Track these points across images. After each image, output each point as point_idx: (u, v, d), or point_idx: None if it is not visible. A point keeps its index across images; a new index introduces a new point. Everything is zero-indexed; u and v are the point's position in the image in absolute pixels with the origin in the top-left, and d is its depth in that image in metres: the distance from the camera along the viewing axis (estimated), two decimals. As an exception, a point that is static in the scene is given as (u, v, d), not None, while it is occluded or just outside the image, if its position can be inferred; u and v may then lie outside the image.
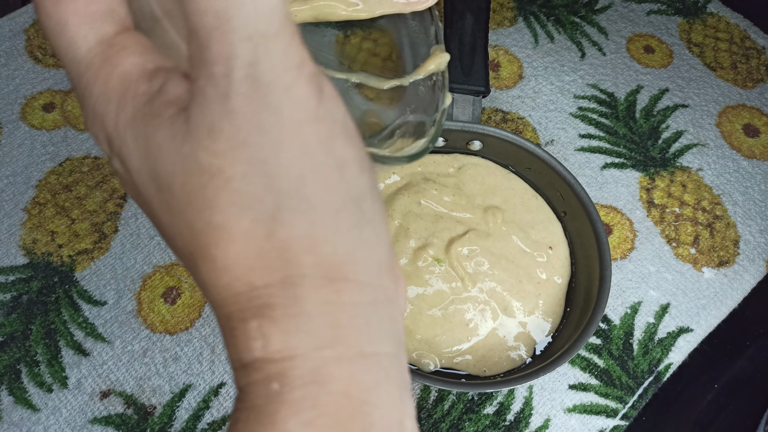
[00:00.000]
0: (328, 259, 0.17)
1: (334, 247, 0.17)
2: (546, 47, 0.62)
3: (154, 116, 0.17)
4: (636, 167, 0.56)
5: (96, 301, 0.48)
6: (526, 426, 0.45)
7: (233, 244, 0.16)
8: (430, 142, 0.30)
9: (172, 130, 0.17)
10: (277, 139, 0.16)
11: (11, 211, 0.52)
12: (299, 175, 0.17)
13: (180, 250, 0.18)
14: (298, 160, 0.16)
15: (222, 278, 0.17)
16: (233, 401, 0.19)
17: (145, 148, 0.17)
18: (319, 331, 0.17)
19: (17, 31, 0.61)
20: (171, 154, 0.17)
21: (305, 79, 0.17)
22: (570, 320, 0.45)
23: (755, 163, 0.56)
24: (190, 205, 0.17)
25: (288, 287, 0.17)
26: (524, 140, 0.48)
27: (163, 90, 0.17)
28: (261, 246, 0.17)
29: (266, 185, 0.16)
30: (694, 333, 0.49)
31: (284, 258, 0.17)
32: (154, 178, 0.17)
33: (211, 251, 0.17)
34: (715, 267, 0.51)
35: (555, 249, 0.48)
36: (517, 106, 0.58)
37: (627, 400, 0.46)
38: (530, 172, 0.50)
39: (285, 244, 0.17)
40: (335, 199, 0.17)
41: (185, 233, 0.17)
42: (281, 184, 0.16)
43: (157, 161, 0.17)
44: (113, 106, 0.18)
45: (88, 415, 0.44)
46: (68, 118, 0.56)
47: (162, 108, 0.17)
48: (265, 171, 0.16)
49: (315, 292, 0.17)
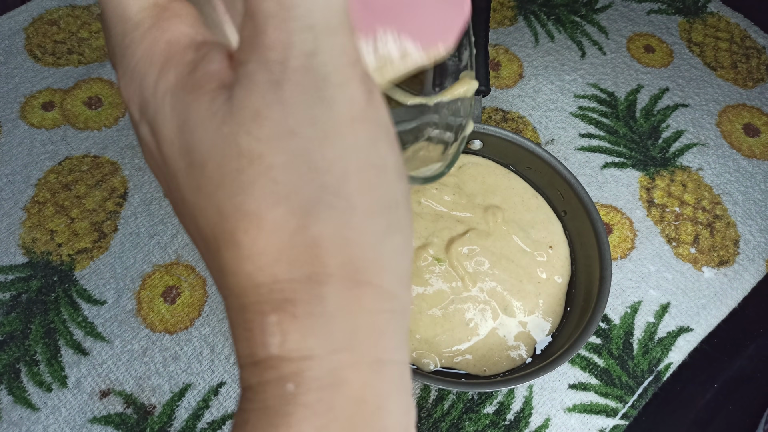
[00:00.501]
0: (356, 261, 0.17)
1: (365, 251, 0.17)
2: (546, 46, 0.62)
3: (195, 87, 0.17)
4: (636, 167, 0.55)
5: (95, 301, 0.48)
6: (526, 425, 0.45)
7: (263, 233, 0.16)
8: (447, 167, 0.29)
9: (212, 106, 0.16)
10: (326, 134, 0.16)
11: (11, 210, 0.52)
12: (342, 173, 0.16)
13: (201, 231, 0.17)
14: (343, 157, 0.16)
15: (245, 266, 0.16)
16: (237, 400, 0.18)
17: (182, 119, 0.17)
18: (339, 334, 0.17)
19: (17, 29, 0.61)
20: (209, 131, 0.16)
21: (358, 78, 0.16)
22: (570, 320, 0.45)
23: (755, 162, 0.56)
24: (222, 187, 0.16)
25: (313, 284, 0.16)
26: (524, 139, 0.48)
27: (207, 59, 0.17)
28: (291, 239, 0.16)
29: (307, 178, 0.16)
30: (694, 332, 0.49)
31: (313, 254, 0.16)
32: (186, 152, 0.17)
33: (237, 237, 0.16)
34: (715, 266, 0.51)
35: (555, 248, 0.48)
36: (517, 106, 0.58)
37: (627, 399, 0.46)
38: (530, 171, 0.50)
39: (316, 241, 0.16)
40: (373, 202, 0.17)
41: (211, 215, 0.17)
42: (323, 179, 0.16)
43: (193, 135, 0.17)
44: (155, 70, 0.17)
45: (88, 415, 0.44)
46: (67, 116, 0.56)
47: (204, 79, 0.17)
48: (309, 164, 0.16)
49: (339, 293, 0.17)
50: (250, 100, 0.16)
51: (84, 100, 0.57)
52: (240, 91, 0.16)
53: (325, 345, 0.16)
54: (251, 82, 0.16)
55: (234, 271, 0.17)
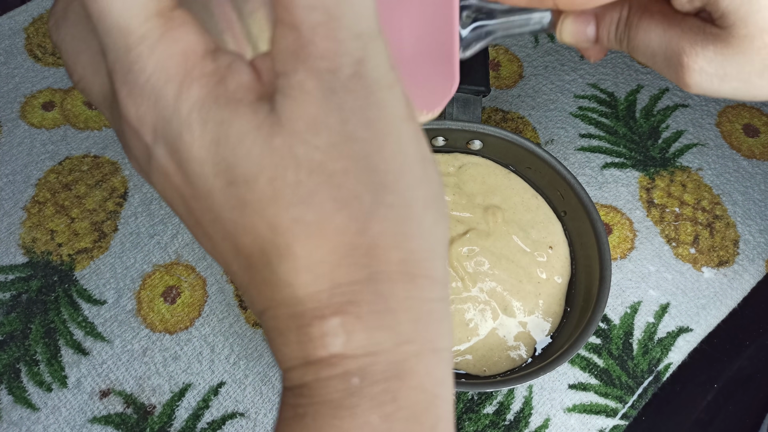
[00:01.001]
0: (413, 255, 0.17)
1: (419, 244, 0.17)
2: (546, 46, 0.62)
3: (231, 100, 0.16)
4: (636, 167, 0.56)
5: (95, 300, 0.48)
6: (526, 425, 0.45)
7: (324, 242, 0.16)
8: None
9: (256, 119, 0.16)
10: (382, 135, 0.16)
11: (11, 210, 0.52)
12: (398, 171, 0.17)
13: (241, 249, 0.17)
14: (398, 155, 0.17)
15: (302, 277, 0.16)
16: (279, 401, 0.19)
17: (218, 135, 0.16)
18: (403, 326, 0.17)
19: (17, 29, 0.61)
20: (257, 145, 0.16)
21: (398, 78, 0.17)
22: (570, 320, 0.45)
23: (755, 163, 0.56)
24: (276, 201, 0.16)
25: (374, 283, 0.17)
26: (524, 140, 0.48)
27: (234, 70, 0.17)
28: (352, 242, 0.16)
29: (367, 181, 0.16)
30: (694, 333, 0.49)
31: (372, 254, 0.16)
32: (224, 170, 0.16)
33: (294, 249, 0.16)
34: (714, 267, 0.51)
35: (555, 249, 0.48)
36: (517, 106, 0.58)
37: (627, 399, 0.46)
38: (530, 171, 0.50)
39: (375, 241, 0.16)
40: (424, 195, 0.17)
41: (260, 230, 0.16)
42: (382, 179, 0.16)
43: (235, 151, 0.16)
44: (174, 84, 0.16)
45: (88, 415, 0.44)
46: (68, 116, 0.56)
47: (240, 92, 0.16)
48: (369, 166, 0.16)
49: (399, 288, 0.17)
50: (303, 110, 0.16)
51: (84, 100, 0.57)
52: (287, 101, 0.16)
53: (391, 339, 0.17)
54: (301, 92, 0.16)
55: (289, 283, 0.17)
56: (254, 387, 0.46)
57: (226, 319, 0.48)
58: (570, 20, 0.30)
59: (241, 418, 0.45)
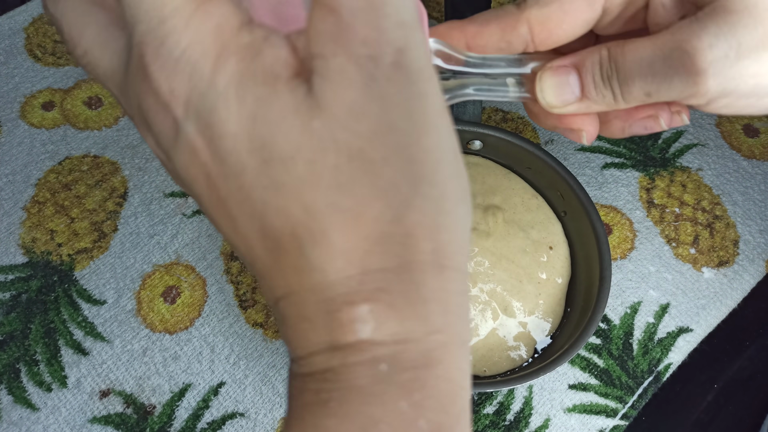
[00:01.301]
0: (444, 246, 0.17)
1: (451, 235, 0.17)
2: (546, 47, 0.62)
3: (270, 76, 0.16)
4: (636, 167, 0.56)
5: (95, 300, 0.48)
6: (526, 426, 0.45)
7: (359, 229, 0.16)
8: None
9: (294, 98, 0.16)
10: (422, 126, 0.16)
11: (10, 210, 0.52)
12: (436, 161, 0.17)
13: (271, 231, 0.16)
14: (437, 147, 0.17)
15: (335, 262, 0.16)
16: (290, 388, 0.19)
17: (256, 111, 0.16)
18: (434, 317, 0.17)
19: (17, 29, 0.61)
20: (296, 126, 0.16)
21: (436, 72, 0.17)
22: (570, 320, 0.45)
23: (755, 163, 0.56)
24: (313, 184, 0.16)
25: (406, 272, 0.17)
26: (524, 140, 0.48)
27: (271, 44, 0.16)
28: (386, 230, 0.16)
29: (406, 170, 0.16)
30: (694, 333, 0.49)
31: (406, 243, 0.16)
32: (260, 147, 0.16)
33: (329, 234, 0.16)
34: (714, 267, 0.51)
35: (555, 249, 0.48)
36: (517, 106, 0.58)
37: (627, 399, 0.46)
38: (530, 171, 0.50)
39: (410, 230, 0.16)
40: (458, 186, 0.18)
41: (295, 212, 0.16)
42: (420, 170, 0.16)
43: (273, 129, 0.16)
44: (210, 58, 0.16)
45: (88, 415, 0.44)
46: (67, 116, 0.56)
47: (278, 67, 0.16)
48: (408, 156, 0.16)
49: (432, 278, 0.17)
50: (342, 95, 0.16)
51: (84, 100, 0.57)
52: (327, 85, 0.16)
53: (422, 328, 0.17)
54: (342, 77, 0.16)
55: (321, 268, 0.16)
56: (254, 387, 0.46)
57: (226, 319, 0.48)
58: (548, 74, 0.27)
59: (241, 418, 0.45)
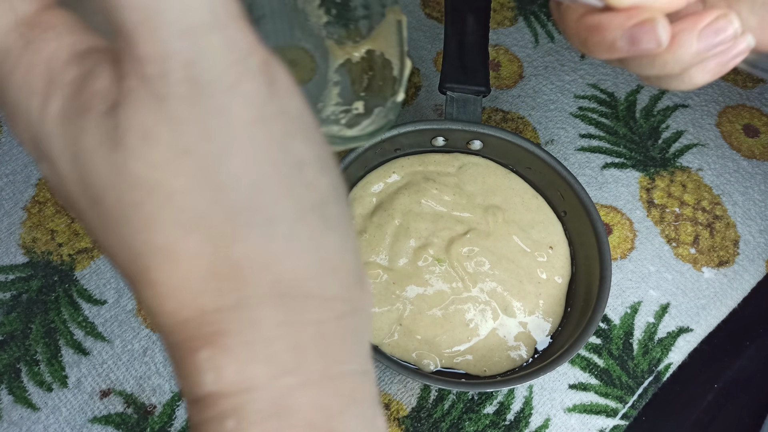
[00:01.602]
0: (288, 275, 0.15)
1: (295, 262, 0.15)
2: (546, 47, 0.62)
3: (82, 110, 0.15)
4: (636, 167, 0.56)
5: (96, 300, 0.48)
6: (526, 425, 0.45)
7: (178, 267, 0.15)
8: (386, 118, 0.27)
9: (101, 131, 0.14)
10: (224, 146, 0.14)
11: (11, 210, 0.52)
12: (252, 185, 0.15)
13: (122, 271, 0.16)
14: (249, 167, 0.15)
15: (167, 304, 0.15)
16: None
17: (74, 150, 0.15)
18: (280, 356, 0.15)
19: (17, 29, 0.61)
20: (102, 161, 0.14)
21: (251, 73, 0.15)
22: (570, 320, 0.45)
23: (755, 163, 0.56)
24: (126, 223, 0.15)
25: (242, 310, 0.15)
26: (524, 140, 0.48)
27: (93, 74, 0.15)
28: (211, 267, 0.15)
29: (214, 199, 0.14)
30: (694, 333, 0.49)
31: (238, 278, 0.15)
32: (85, 189, 0.15)
33: (152, 275, 0.15)
34: (714, 267, 0.51)
35: (555, 249, 0.48)
36: (517, 106, 0.58)
37: (627, 399, 0.46)
38: (530, 171, 0.50)
39: (239, 263, 0.15)
40: (294, 206, 0.15)
41: (123, 253, 0.15)
42: (231, 197, 0.15)
43: (86, 168, 0.15)
44: (38, 99, 0.15)
45: (88, 415, 0.44)
46: (68, 116, 0.56)
47: (91, 100, 0.15)
48: (212, 183, 0.14)
49: (273, 313, 0.15)
50: (136, 120, 0.14)
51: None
52: (125, 110, 0.14)
53: (266, 372, 0.15)
54: (135, 99, 0.14)
55: (158, 311, 0.15)
56: (254, 387, 0.46)
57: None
58: None
59: (241, 418, 0.45)
